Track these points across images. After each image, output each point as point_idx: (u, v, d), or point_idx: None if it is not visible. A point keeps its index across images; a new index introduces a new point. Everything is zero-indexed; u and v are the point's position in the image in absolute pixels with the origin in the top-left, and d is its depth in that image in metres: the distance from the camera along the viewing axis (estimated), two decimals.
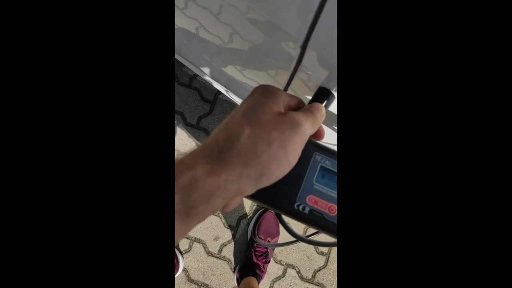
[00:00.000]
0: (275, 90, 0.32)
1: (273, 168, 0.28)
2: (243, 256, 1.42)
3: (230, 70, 0.71)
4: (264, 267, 1.37)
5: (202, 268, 1.43)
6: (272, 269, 1.45)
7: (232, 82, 0.78)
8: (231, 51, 0.60)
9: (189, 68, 1.12)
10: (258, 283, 1.33)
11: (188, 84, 1.45)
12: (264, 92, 0.32)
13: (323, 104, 0.39)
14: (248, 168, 0.27)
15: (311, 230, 0.39)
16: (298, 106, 0.36)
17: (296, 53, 0.40)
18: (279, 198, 0.34)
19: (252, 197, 0.32)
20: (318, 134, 0.39)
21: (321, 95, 0.40)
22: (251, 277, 1.31)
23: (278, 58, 0.47)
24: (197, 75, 1.43)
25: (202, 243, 1.44)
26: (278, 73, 0.52)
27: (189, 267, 1.42)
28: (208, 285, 1.42)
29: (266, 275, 1.42)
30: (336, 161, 0.35)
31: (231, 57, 0.64)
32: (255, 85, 0.40)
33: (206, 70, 0.84)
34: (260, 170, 0.28)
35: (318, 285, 1.46)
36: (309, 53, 0.38)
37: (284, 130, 0.29)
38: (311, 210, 0.34)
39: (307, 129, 0.31)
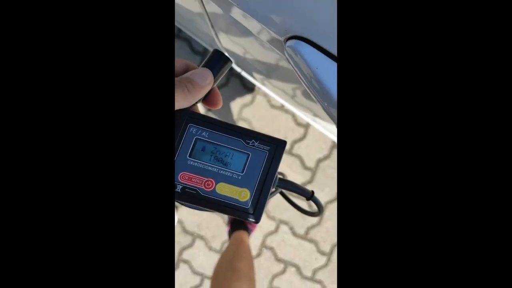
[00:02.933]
0: None
1: None
2: None
3: None
4: None
5: (197, 221, 1.49)
6: (265, 224, 1.49)
7: None
8: None
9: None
10: (249, 236, 1.37)
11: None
12: None
13: (218, 71, 0.37)
14: None
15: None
16: (183, 71, 0.35)
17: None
18: None
19: None
20: (212, 101, 0.38)
21: (213, 59, 0.39)
22: (241, 230, 1.35)
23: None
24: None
25: None
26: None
27: (184, 219, 1.49)
28: (203, 236, 1.49)
29: (258, 229, 1.46)
30: (215, 132, 0.34)
31: None
32: None
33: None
34: None
35: (310, 242, 1.49)
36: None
37: None
38: (184, 188, 0.33)
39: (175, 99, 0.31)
